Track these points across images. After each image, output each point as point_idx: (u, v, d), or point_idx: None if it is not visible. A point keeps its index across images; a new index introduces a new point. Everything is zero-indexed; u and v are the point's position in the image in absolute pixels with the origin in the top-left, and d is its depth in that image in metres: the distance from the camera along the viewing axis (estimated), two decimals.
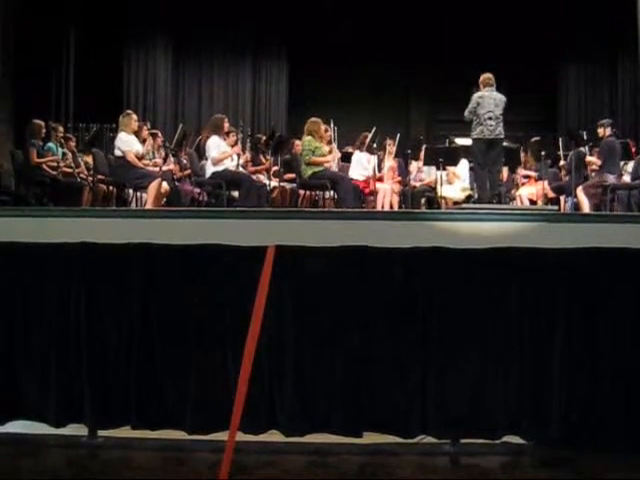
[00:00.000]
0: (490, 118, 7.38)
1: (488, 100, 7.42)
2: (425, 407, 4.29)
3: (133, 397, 4.36)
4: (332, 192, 7.99)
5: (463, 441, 4.32)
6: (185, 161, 8.92)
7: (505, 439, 4.32)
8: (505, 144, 7.80)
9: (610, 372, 4.26)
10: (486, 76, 7.62)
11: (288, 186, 8.78)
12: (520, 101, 7.51)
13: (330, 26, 11.93)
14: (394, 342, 4.32)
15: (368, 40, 12.12)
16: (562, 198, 8.62)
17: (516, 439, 4.32)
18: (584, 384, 4.26)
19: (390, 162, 9.14)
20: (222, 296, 4.35)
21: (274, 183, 8.51)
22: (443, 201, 8.44)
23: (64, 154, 8.58)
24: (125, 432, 4.41)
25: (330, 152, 8.22)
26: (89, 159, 8.73)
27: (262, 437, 4.34)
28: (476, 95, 7.51)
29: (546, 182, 8.54)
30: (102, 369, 4.37)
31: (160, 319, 4.38)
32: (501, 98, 7.50)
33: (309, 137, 7.84)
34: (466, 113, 7.52)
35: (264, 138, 9.36)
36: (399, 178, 9.21)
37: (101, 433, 4.43)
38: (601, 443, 4.17)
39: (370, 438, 4.35)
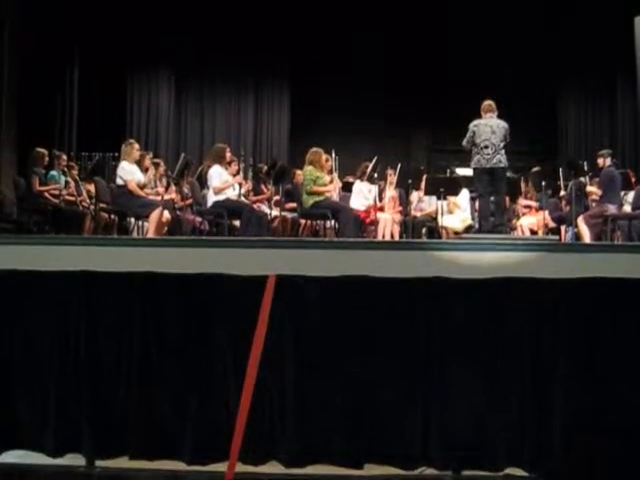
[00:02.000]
0: (486, 147, 7.30)
1: (484, 128, 7.36)
2: (427, 438, 4.26)
3: (132, 427, 4.33)
4: (333, 222, 8.00)
5: (465, 473, 4.28)
6: (187, 190, 8.96)
7: (508, 471, 4.28)
8: (507, 174, 7.80)
9: (613, 402, 4.23)
10: (486, 103, 7.58)
11: (289, 215, 8.80)
12: (520, 131, 7.55)
13: (331, 57, 12.05)
14: (395, 372, 4.30)
15: (369, 71, 12.23)
16: (563, 228, 8.63)
17: (519, 471, 4.28)
18: (586, 415, 4.23)
19: (391, 192, 9.16)
20: (222, 326, 4.34)
21: (275, 212, 8.53)
22: (444, 231, 8.44)
23: (67, 182, 8.62)
24: (123, 463, 4.37)
25: (331, 182, 8.24)
26: (91, 187, 8.76)
27: (261, 468, 4.30)
28: (472, 124, 7.47)
29: (547, 212, 8.56)
30: (101, 398, 4.35)
31: (160, 348, 4.37)
32: (499, 124, 7.40)
33: (310, 167, 7.87)
34: (464, 142, 7.52)
35: (265, 168, 9.41)
36: (400, 208, 9.23)
37: (99, 463, 4.39)
38: (604, 475, 4.13)
39: (371, 470, 4.31)
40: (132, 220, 8.02)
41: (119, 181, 7.52)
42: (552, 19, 11.52)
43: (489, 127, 7.35)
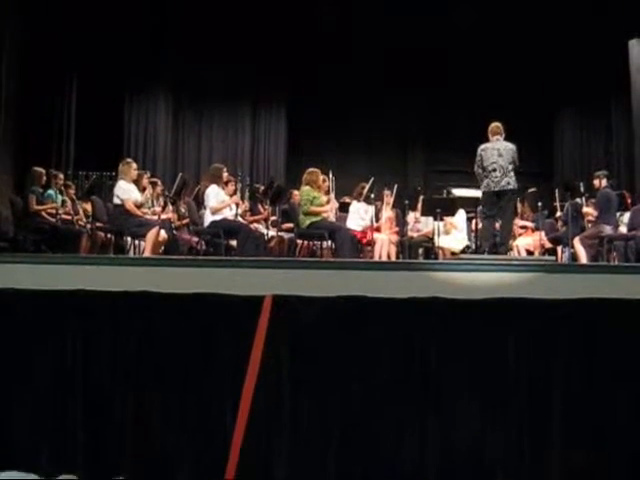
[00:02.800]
0: (494, 170, 7.29)
1: (491, 151, 7.36)
2: (424, 460, 4.23)
3: (128, 448, 4.30)
4: (330, 242, 8.01)
5: None
6: (184, 210, 8.97)
7: None
8: None
9: (613, 427, 4.21)
10: (492, 125, 7.54)
11: (286, 236, 8.80)
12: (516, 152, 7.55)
13: (329, 78, 12.13)
14: (392, 393, 4.28)
15: (366, 92, 12.31)
16: (559, 249, 8.66)
17: None
18: (585, 436, 4.21)
19: (388, 212, 9.18)
20: (219, 346, 4.33)
21: (272, 233, 8.54)
22: (440, 251, 8.45)
23: (64, 201, 8.62)
24: None
25: (328, 202, 8.26)
26: (88, 207, 8.77)
27: None
28: (479, 148, 7.47)
29: (543, 233, 8.58)
30: (97, 419, 4.32)
31: (157, 369, 4.34)
32: (506, 147, 7.39)
33: (307, 187, 7.89)
34: (475, 168, 7.51)
35: (262, 188, 9.44)
36: (397, 228, 9.24)
37: None
38: None
39: None
40: (129, 239, 8.02)
41: (116, 200, 7.53)
42: (548, 41, 11.62)
43: (496, 150, 7.35)
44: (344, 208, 9.15)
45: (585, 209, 8.41)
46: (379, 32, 11.58)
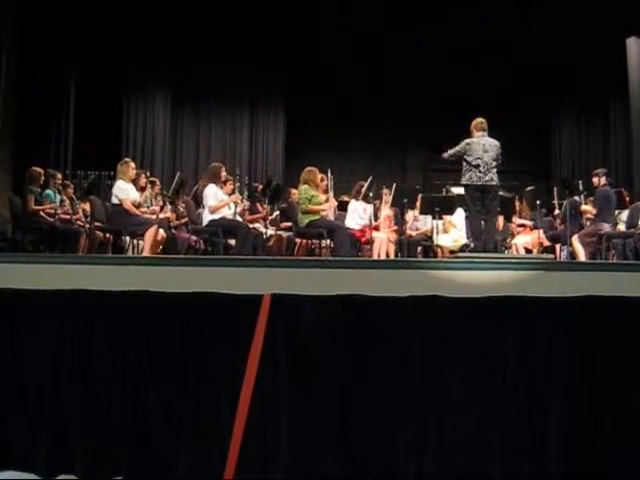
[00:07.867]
0: (478, 165, 7.26)
1: (476, 146, 7.30)
2: (422, 458, 4.23)
3: (125, 448, 4.30)
4: (328, 241, 8.00)
5: None
6: (182, 209, 8.96)
7: None
8: (500, 193, 7.75)
9: (610, 420, 4.22)
10: (477, 120, 7.49)
11: (284, 234, 8.80)
12: (514, 150, 7.56)
13: (327, 77, 12.12)
14: (391, 391, 4.28)
15: (364, 90, 12.30)
16: (557, 247, 8.65)
17: None
18: (584, 433, 4.21)
19: (386, 211, 9.17)
20: (218, 344, 4.33)
21: (271, 231, 8.53)
22: (439, 250, 8.45)
23: (62, 201, 8.61)
24: None
25: (326, 201, 8.25)
26: (86, 206, 8.76)
27: None
28: (465, 141, 7.40)
29: (541, 231, 8.57)
30: (94, 419, 4.32)
31: (155, 368, 4.34)
32: (492, 143, 7.34)
33: (305, 186, 7.88)
34: (451, 151, 7.43)
35: (261, 187, 9.43)
36: (395, 227, 9.23)
37: None
38: None
39: None
40: (127, 239, 8.01)
41: (114, 200, 7.52)
42: (546, 39, 11.61)
43: (481, 145, 7.30)
44: (343, 207, 9.14)
45: (584, 207, 8.41)
46: (377, 31, 11.57)
